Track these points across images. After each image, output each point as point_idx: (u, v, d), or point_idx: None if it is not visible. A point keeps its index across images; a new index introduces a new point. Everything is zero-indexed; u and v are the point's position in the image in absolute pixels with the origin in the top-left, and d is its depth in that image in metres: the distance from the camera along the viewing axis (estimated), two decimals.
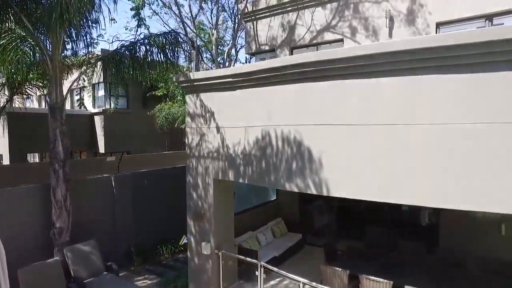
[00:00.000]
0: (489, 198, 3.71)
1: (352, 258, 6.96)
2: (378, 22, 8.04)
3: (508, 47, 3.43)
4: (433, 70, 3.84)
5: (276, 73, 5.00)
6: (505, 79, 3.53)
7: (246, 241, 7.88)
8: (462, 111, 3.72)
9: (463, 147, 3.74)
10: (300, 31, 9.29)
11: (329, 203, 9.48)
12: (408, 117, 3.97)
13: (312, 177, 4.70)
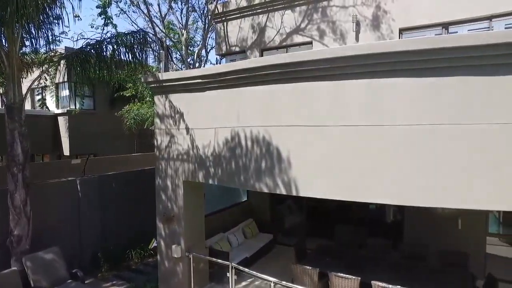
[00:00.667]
0: (448, 194, 3.93)
1: (322, 256, 7.10)
2: (346, 26, 8.29)
3: (459, 54, 3.67)
4: (394, 74, 4.02)
5: (245, 74, 5.04)
6: (456, 83, 3.77)
7: (217, 243, 7.85)
8: (421, 112, 3.93)
9: (423, 147, 3.94)
10: (270, 33, 9.39)
11: (299, 203, 9.65)
12: (372, 118, 4.13)
13: (281, 177, 4.77)
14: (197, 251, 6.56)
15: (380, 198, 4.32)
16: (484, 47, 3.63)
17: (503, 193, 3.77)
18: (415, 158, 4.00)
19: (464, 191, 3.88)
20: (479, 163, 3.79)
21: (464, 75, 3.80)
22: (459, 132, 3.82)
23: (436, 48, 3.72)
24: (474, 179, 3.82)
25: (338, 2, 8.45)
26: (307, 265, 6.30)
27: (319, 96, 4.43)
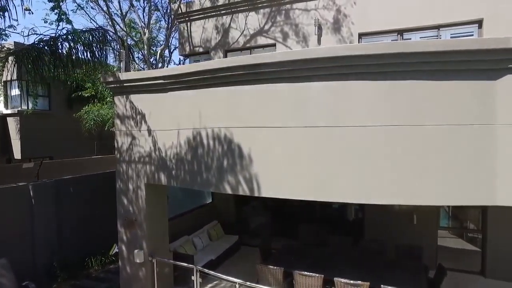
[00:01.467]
0: (404, 191, 4.15)
1: (286, 255, 7.22)
2: (308, 29, 8.49)
3: (411, 60, 3.90)
4: (353, 77, 4.18)
5: (209, 75, 5.00)
6: (409, 87, 4.00)
7: (182, 246, 7.72)
8: (378, 114, 4.12)
9: (381, 147, 4.13)
10: (234, 34, 9.40)
11: (264, 204, 9.74)
12: (333, 119, 4.26)
13: (244, 178, 4.79)
14: (160, 255, 6.42)
15: (342, 197, 4.47)
16: (432, 54, 3.89)
17: (451, 189, 4.05)
18: (374, 158, 4.18)
19: (418, 188, 4.11)
20: (431, 162, 4.04)
21: (416, 79, 4.04)
22: (412, 133, 4.05)
23: (391, 53, 3.92)
24: (426, 177, 4.07)
25: (301, 5, 8.63)
26: (272, 265, 6.37)
27: (281, 97, 4.50)
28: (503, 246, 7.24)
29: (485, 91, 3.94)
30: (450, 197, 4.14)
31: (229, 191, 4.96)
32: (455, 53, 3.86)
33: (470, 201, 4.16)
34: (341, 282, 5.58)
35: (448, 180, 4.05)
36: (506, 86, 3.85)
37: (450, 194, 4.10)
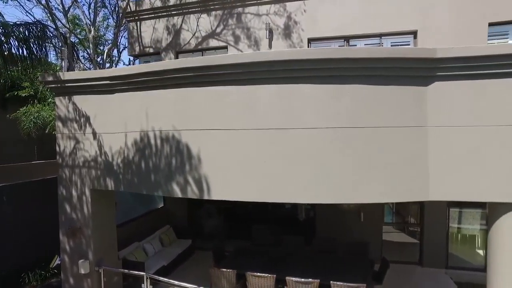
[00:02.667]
0: (351, 191, 4.37)
1: (240, 257, 7.25)
2: (260, 33, 8.64)
3: (354, 65, 4.14)
4: (302, 80, 4.33)
5: (157, 77, 4.89)
6: (354, 90, 4.24)
7: (132, 253, 7.43)
8: (326, 116, 4.30)
9: (328, 148, 4.32)
10: (186, 36, 9.28)
11: (217, 206, 9.70)
12: (282, 122, 4.37)
13: (195, 181, 4.74)
14: (108, 264, 6.12)
15: (292, 198, 4.60)
16: (373, 60, 4.16)
17: (392, 187, 4.36)
18: (322, 159, 4.36)
19: (362, 187, 4.36)
20: (374, 161, 4.31)
21: (359, 84, 4.28)
22: (356, 134, 4.29)
23: (335, 58, 4.13)
24: (370, 176, 4.33)
25: (253, 9, 8.76)
26: (226, 267, 6.37)
27: (231, 100, 4.53)
28: (436, 237, 7.92)
29: (419, 96, 4.30)
30: (391, 194, 4.44)
31: (179, 194, 4.87)
32: (392, 60, 4.16)
33: (408, 197, 4.50)
34: (293, 281, 5.72)
35: (389, 179, 4.35)
36: (434, 91, 4.24)
37: (391, 191, 4.40)
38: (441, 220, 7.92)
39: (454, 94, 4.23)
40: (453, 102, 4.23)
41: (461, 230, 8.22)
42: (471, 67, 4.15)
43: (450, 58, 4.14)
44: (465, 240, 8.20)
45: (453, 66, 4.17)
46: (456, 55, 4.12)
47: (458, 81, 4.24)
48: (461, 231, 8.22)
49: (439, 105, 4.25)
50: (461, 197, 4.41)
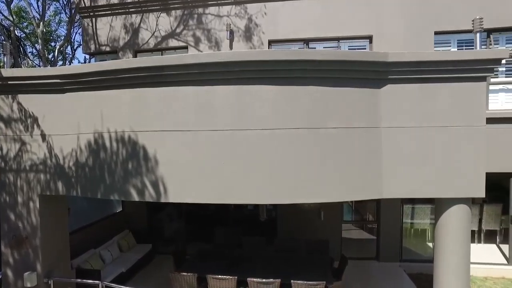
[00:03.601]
0: (309, 191, 4.44)
1: (201, 260, 7.14)
2: (220, 35, 8.58)
3: (310, 67, 4.23)
4: (259, 81, 4.34)
5: (111, 76, 4.68)
6: (310, 91, 4.33)
7: (87, 261, 7.05)
8: (283, 117, 4.35)
9: (286, 149, 4.37)
10: (145, 35, 9.00)
11: (178, 209, 9.49)
12: (240, 123, 4.36)
13: (151, 184, 4.60)
14: (59, 274, 5.76)
15: (250, 198, 4.60)
16: (327, 62, 4.26)
17: (348, 186, 4.49)
18: (279, 160, 4.40)
19: (320, 186, 4.45)
20: (331, 161, 4.42)
21: (316, 85, 4.37)
22: (313, 135, 4.37)
23: (290, 59, 4.19)
24: (327, 176, 4.43)
25: (214, 10, 8.69)
26: (187, 271, 6.24)
27: (188, 101, 4.44)
28: (391, 233, 8.31)
29: (373, 97, 4.48)
30: (346, 193, 4.59)
31: (135, 198, 4.70)
32: (346, 63, 4.30)
33: (363, 196, 4.67)
34: (254, 281, 5.73)
35: (345, 178, 4.48)
36: (387, 94, 4.44)
37: (347, 190, 4.54)
38: (395, 216, 8.31)
39: (405, 97, 4.46)
40: (404, 104, 4.45)
41: (413, 225, 8.69)
42: (419, 71, 4.39)
43: (400, 62, 4.35)
44: (417, 234, 8.68)
45: (404, 70, 4.40)
46: (406, 59, 4.35)
47: (408, 84, 4.47)
48: (414, 226, 8.69)
49: (391, 106, 4.46)
50: (411, 194, 4.65)
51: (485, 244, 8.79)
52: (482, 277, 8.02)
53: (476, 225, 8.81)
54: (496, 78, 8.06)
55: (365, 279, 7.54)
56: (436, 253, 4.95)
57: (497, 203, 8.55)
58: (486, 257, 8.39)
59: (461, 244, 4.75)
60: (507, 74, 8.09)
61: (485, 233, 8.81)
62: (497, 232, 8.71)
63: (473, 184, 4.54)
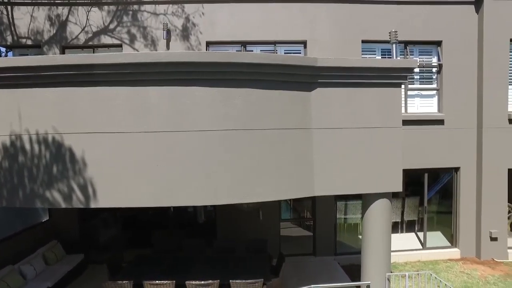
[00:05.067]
0: (245, 191, 4.53)
1: (139, 266, 6.86)
2: (157, 33, 8.34)
3: (244, 69, 4.33)
4: (195, 82, 4.33)
5: (31, 73, 4.31)
6: (245, 94, 4.43)
7: (3, 280, 6.33)
8: (216, 119, 4.39)
9: (220, 150, 4.41)
10: (74, 30, 8.39)
11: (114, 214, 9.01)
12: (173, 124, 4.30)
13: (79, 189, 4.33)
14: None
15: (187, 201, 4.55)
16: (259, 65, 4.40)
17: (283, 185, 4.67)
18: (216, 161, 4.43)
19: (256, 187, 4.56)
20: (266, 162, 4.56)
21: (250, 88, 4.49)
22: (248, 136, 4.47)
23: (225, 62, 4.25)
24: (262, 176, 4.56)
25: (150, 8, 8.41)
26: (122, 279, 5.96)
27: (120, 102, 4.28)
28: (326, 228, 8.82)
29: (304, 100, 4.73)
30: (281, 192, 4.77)
31: (61, 205, 4.38)
32: (278, 66, 4.48)
33: (296, 194, 4.89)
34: (192, 284, 5.67)
35: (279, 178, 4.66)
36: (317, 96, 4.72)
37: (281, 189, 4.73)
38: (329, 213, 8.83)
39: (333, 99, 4.79)
40: (332, 106, 4.77)
41: (346, 220, 9.31)
42: (345, 76, 4.75)
43: (328, 67, 4.66)
44: (350, 229, 9.31)
45: (331, 74, 4.72)
46: (333, 65, 4.67)
47: (336, 88, 4.80)
48: (347, 221, 9.31)
49: (321, 108, 4.75)
50: (340, 191, 5.00)
51: (406, 234, 9.74)
52: (403, 262, 8.88)
53: (399, 216, 9.72)
54: (412, 85, 9.00)
55: (303, 274, 7.89)
56: (363, 244, 5.38)
57: (416, 196, 9.54)
58: (407, 244, 9.32)
59: (383, 234, 5.23)
60: (421, 82, 9.08)
61: (406, 223, 9.76)
62: (416, 221, 9.71)
63: (392, 180, 5.02)
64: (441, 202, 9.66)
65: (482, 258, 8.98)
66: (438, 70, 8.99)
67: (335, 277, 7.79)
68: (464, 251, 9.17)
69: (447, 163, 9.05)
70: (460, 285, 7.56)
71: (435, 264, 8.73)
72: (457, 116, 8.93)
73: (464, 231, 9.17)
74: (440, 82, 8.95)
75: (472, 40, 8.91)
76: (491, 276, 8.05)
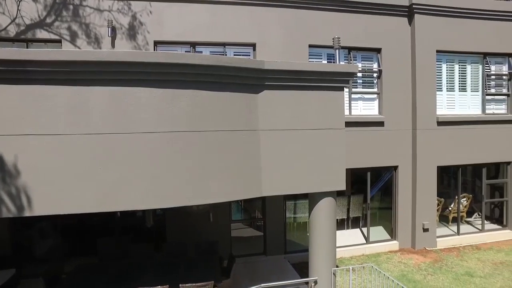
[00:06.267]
0: (193, 193, 4.47)
1: (82, 277, 6.45)
2: (101, 31, 7.94)
3: (190, 70, 4.29)
4: (139, 83, 4.20)
5: None
6: (191, 95, 4.39)
7: None
8: (162, 120, 4.29)
9: (165, 152, 4.31)
10: (1, 21, 7.67)
11: (53, 223, 8.39)
12: (117, 126, 4.13)
13: (9, 197, 3.98)
14: None
15: (131, 205, 4.39)
16: (205, 67, 4.39)
17: (230, 186, 4.69)
18: (161, 164, 4.32)
19: (203, 188, 4.53)
20: (212, 163, 4.54)
21: (197, 89, 4.45)
22: (194, 138, 4.43)
23: (170, 62, 4.18)
24: (210, 178, 4.54)
25: (92, 3, 7.98)
26: None
27: (57, 101, 4.01)
28: (276, 228, 9.01)
29: (252, 102, 4.80)
30: (229, 193, 4.79)
31: None
32: (225, 68, 4.50)
33: (245, 195, 4.94)
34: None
35: (227, 179, 4.68)
36: (264, 99, 4.82)
37: (230, 191, 4.74)
38: (279, 212, 9.03)
39: (279, 102, 4.92)
40: (279, 109, 4.90)
41: (296, 219, 9.58)
42: (291, 79, 4.90)
43: (275, 70, 4.79)
44: (300, 227, 9.59)
45: (278, 77, 4.84)
46: (280, 68, 4.81)
47: (282, 90, 4.94)
48: (296, 219, 9.59)
49: (268, 111, 4.85)
50: (287, 191, 5.14)
51: (352, 230, 10.28)
52: (349, 257, 9.37)
53: (345, 213, 10.24)
54: (356, 88, 9.55)
55: (254, 274, 7.97)
56: (310, 242, 5.59)
57: (360, 194, 10.12)
58: (352, 240, 9.84)
59: (329, 231, 5.47)
60: (363, 86, 9.66)
61: (352, 219, 10.31)
62: (360, 218, 10.30)
63: (336, 179, 5.28)
64: (383, 199, 10.35)
65: (416, 248, 9.78)
66: (379, 75, 9.63)
67: (285, 275, 7.98)
68: (402, 242, 9.91)
69: (387, 162, 9.72)
70: (398, 274, 8.16)
71: (377, 257, 9.32)
72: (395, 118, 9.63)
73: (401, 224, 9.91)
74: (380, 87, 9.59)
75: (407, 49, 9.69)
76: (423, 264, 8.81)
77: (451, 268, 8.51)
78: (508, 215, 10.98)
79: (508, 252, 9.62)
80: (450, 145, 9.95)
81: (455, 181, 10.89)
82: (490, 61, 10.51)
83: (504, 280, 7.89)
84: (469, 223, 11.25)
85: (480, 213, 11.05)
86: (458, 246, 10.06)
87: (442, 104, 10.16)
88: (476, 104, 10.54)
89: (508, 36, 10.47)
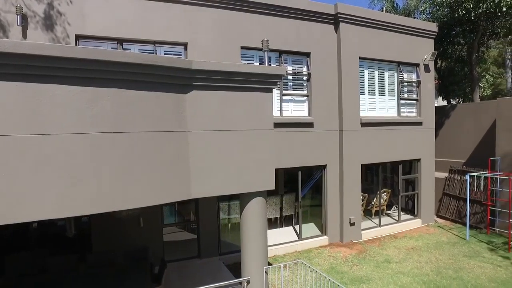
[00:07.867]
0: (117, 198, 4.18)
1: None
2: (8, 18, 7.05)
3: (114, 68, 4.03)
4: (53, 80, 3.81)
5: None
6: (115, 94, 4.12)
7: None
8: (85, 121, 3.95)
9: (85, 155, 3.99)
10: None
11: None
12: (29, 126, 3.70)
13: None
14: None
15: (43, 214, 3.94)
16: (138, 65, 4.17)
17: (158, 189, 4.50)
18: (80, 167, 3.98)
19: (129, 193, 4.27)
20: (138, 166, 4.31)
21: (121, 88, 4.19)
22: (118, 139, 4.16)
23: (92, 59, 3.87)
24: (136, 181, 4.30)
25: None
26: None
27: None
28: (210, 230, 8.93)
29: (180, 102, 4.67)
30: (156, 197, 4.58)
31: None
32: (152, 67, 4.31)
33: (173, 198, 4.77)
34: None
35: (154, 182, 4.48)
36: (192, 99, 4.72)
37: (156, 194, 4.54)
38: (212, 214, 8.96)
39: (208, 102, 4.86)
40: (207, 109, 4.84)
41: (230, 220, 9.59)
42: (219, 80, 4.88)
43: (203, 70, 4.72)
44: (234, 228, 9.62)
45: (206, 77, 4.78)
46: (208, 68, 4.75)
47: (211, 91, 4.89)
48: (231, 220, 9.59)
49: (196, 111, 4.77)
50: (216, 192, 5.10)
51: (285, 228, 10.62)
52: (282, 254, 9.66)
53: (278, 212, 10.54)
54: (287, 90, 9.89)
55: (187, 278, 7.79)
56: (241, 242, 5.62)
57: (292, 192, 10.50)
58: (286, 237, 10.17)
59: (260, 230, 5.56)
60: (294, 88, 10.05)
61: (285, 218, 10.65)
62: (293, 216, 10.69)
63: (266, 179, 5.39)
64: (314, 197, 10.87)
65: (344, 241, 10.47)
66: (308, 78, 10.10)
67: (219, 276, 7.94)
68: (331, 237, 10.52)
69: (317, 161, 10.24)
70: (328, 267, 8.64)
71: (309, 252, 9.76)
72: (323, 119, 10.19)
73: (330, 220, 10.52)
74: (310, 89, 10.07)
75: (334, 54, 10.32)
76: (350, 256, 9.46)
77: (373, 257, 9.27)
78: (418, 206, 12.33)
79: (418, 238, 10.83)
80: (372, 144, 10.84)
81: (376, 177, 11.90)
82: (403, 69, 11.70)
83: (414, 262, 8.89)
84: (389, 215, 12.39)
85: (397, 206, 12.23)
86: (380, 237, 10.99)
87: (365, 107, 11.03)
88: (393, 107, 11.63)
89: (417, 48, 11.79)
